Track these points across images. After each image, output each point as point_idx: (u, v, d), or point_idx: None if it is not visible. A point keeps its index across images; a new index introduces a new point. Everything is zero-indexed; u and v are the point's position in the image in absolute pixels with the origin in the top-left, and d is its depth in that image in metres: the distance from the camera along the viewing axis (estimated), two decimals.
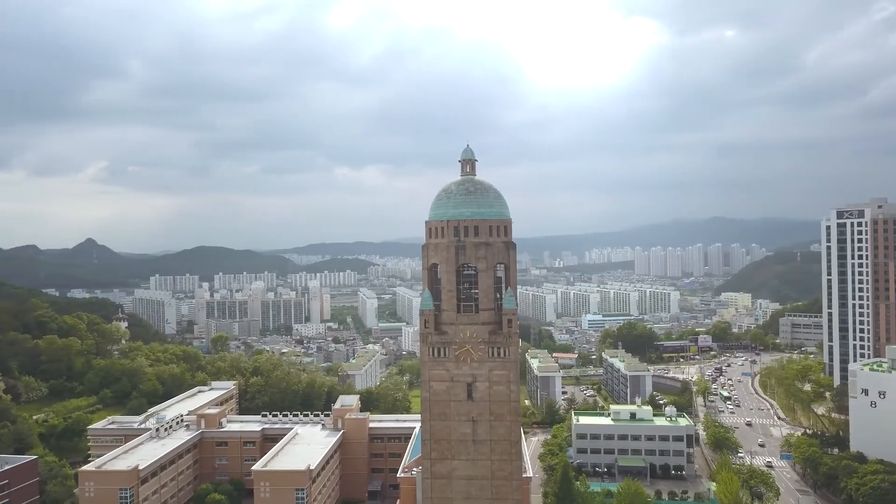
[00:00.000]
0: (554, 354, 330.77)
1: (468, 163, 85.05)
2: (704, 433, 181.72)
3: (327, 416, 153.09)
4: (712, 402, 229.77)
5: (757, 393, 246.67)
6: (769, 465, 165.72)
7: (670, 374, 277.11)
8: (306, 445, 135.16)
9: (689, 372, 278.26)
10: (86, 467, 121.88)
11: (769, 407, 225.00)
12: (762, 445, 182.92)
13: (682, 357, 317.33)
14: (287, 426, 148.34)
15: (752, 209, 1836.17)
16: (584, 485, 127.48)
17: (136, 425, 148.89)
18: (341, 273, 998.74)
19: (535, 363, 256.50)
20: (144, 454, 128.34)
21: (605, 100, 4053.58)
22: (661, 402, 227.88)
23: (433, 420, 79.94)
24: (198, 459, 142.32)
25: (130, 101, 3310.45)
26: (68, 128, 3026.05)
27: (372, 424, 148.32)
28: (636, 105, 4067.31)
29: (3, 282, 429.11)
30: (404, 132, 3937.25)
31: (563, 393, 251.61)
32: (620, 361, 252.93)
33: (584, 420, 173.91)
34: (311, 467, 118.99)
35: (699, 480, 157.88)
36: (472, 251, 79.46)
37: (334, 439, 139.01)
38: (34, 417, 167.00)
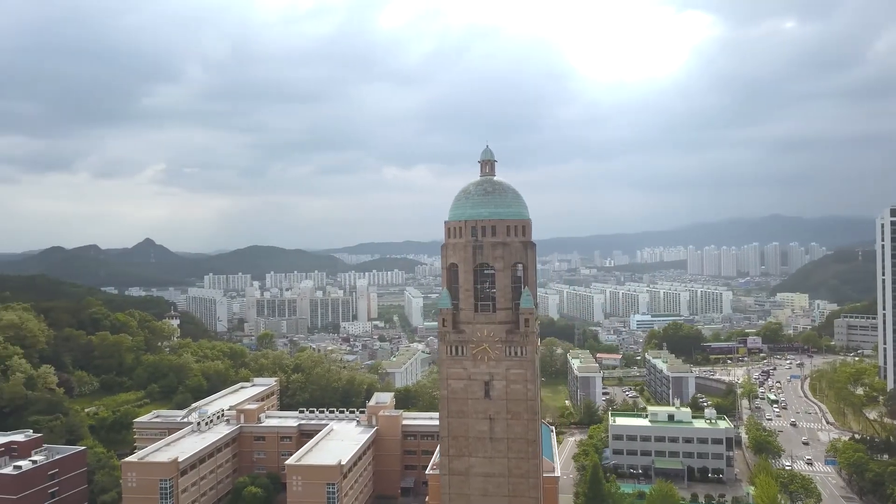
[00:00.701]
0: (598, 355, 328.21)
1: (487, 163, 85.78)
2: (747, 436, 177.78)
3: (362, 412, 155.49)
4: (758, 405, 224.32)
5: (806, 396, 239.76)
6: (809, 462, 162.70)
7: (716, 376, 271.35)
8: (340, 441, 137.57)
9: (736, 374, 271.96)
10: (129, 459, 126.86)
11: (818, 411, 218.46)
12: (806, 443, 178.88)
13: (730, 359, 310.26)
14: (323, 422, 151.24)
15: (813, 206, 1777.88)
16: (613, 485, 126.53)
17: (179, 419, 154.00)
18: (389, 272, 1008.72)
19: (575, 363, 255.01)
20: (185, 447, 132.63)
21: (659, 95, 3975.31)
22: (705, 403, 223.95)
23: (451, 417, 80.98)
24: (237, 453, 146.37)
25: (188, 105, 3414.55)
26: (129, 131, 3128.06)
27: (406, 422, 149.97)
28: (691, 100, 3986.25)
29: (63, 280, 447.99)
30: (454, 131, 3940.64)
31: (605, 394, 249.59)
32: (663, 362, 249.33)
33: (621, 421, 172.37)
34: (343, 462, 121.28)
35: (739, 484, 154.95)
36: (489, 251, 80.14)
37: (367, 436, 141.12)
38: (86, 410, 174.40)
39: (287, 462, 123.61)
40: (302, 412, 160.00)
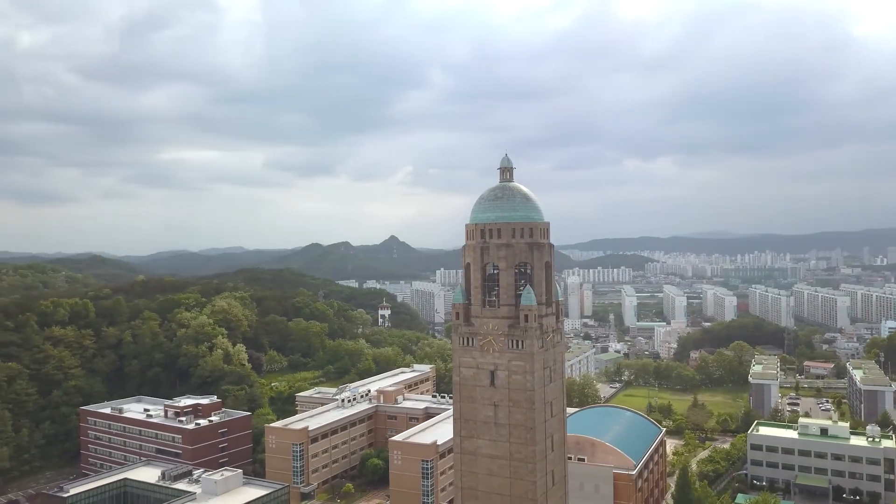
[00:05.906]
0: (806, 363, 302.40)
1: (506, 171, 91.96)
2: None
3: None
4: None
5: None
6: None
7: None
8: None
9: None
10: (271, 425, 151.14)
11: None
12: None
13: None
14: (447, 407, 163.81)
15: None
16: (704, 492, 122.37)
17: (332, 395, 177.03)
18: (615, 269, 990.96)
19: (757, 369, 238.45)
20: (322, 419, 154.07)
21: None
22: None
23: (462, 402, 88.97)
24: (372, 429, 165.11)
25: (432, 108, 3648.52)
26: (383, 136, 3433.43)
27: None
28: None
29: (306, 274, 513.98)
30: (702, 118, 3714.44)
31: (795, 404, 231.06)
32: (863, 374, 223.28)
33: (764, 431, 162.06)
34: (438, 443, 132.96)
35: None
36: (494, 251, 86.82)
37: None
38: (271, 384, 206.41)
39: (391, 438, 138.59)
40: (434, 397, 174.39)
